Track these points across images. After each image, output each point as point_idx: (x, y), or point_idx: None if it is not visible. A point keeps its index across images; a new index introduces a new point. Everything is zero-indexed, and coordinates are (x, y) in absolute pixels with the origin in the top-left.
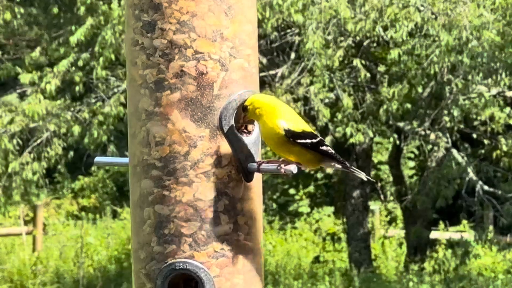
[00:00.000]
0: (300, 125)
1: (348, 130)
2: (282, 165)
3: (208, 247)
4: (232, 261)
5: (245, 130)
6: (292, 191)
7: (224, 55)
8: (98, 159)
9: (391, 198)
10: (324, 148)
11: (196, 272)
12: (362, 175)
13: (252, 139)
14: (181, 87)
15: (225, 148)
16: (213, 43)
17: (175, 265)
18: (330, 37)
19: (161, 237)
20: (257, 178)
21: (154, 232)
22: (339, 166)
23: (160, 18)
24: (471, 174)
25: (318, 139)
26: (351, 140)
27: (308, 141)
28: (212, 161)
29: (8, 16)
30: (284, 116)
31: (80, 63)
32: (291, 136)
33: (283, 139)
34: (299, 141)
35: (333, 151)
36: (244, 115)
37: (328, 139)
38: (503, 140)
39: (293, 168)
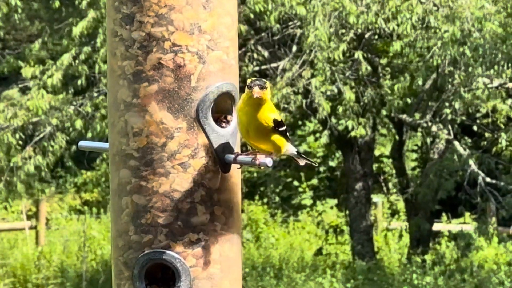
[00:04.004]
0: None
1: (350, 124)
2: (258, 157)
3: (185, 238)
4: (208, 251)
5: (224, 120)
6: (295, 183)
7: (202, 47)
8: (82, 143)
9: (394, 190)
10: (287, 133)
11: (172, 262)
12: (300, 160)
13: (229, 130)
14: (158, 79)
15: (202, 139)
16: (190, 36)
17: (152, 254)
18: (331, 30)
19: (138, 226)
20: (235, 168)
21: (131, 222)
22: (293, 150)
23: (139, 10)
24: (473, 166)
25: (285, 125)
26: (352, 134)
27: (284, 127)
28: (189, 153)
29: (5, 9)
30: (272, 108)
31: (82, 56)
32: (277, 125)
33: (269, 128)
34: (280, 129)
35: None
36: (260, 90)
37: (326, 132)
38: (503, 135)
39: (268, 161)
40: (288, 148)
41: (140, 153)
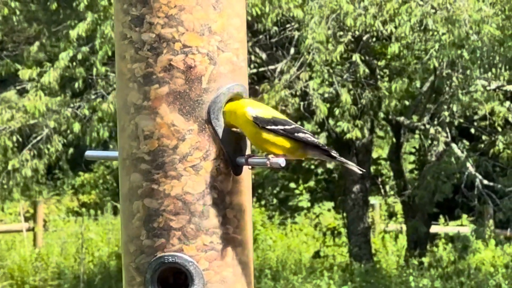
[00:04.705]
0: (271, 112)
1: (345, 126)
2: (270, 158)
3: (197, 241)
4: (221, 254)
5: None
6: (292, 185)
7: (212, 48)
8: (88, 153)
9: (391, 192)
10: (301, 135)
11: (185, 265)
12: (354, 167)
13: (240, 133)
14: (169, 80)
15: (214, 141)
16: (201, 37)
17: (164, 258)
18: (329, 32)
19: (150, 230)
20: (246, 171)
21: (143, 226)
22: (324, 155)
23: (148, 12)
24: (471, 169)
25: (293, 125)
26: (348, 136)
27: (281, 127)
28: (201, 155)
29: (6, 11)
30: (252, 105)
31: (80, 56)
32: (261, 122)
33: (255, 127)
34: (269, 127)
35: (314, 139)
36: (224, 121)
37: (324, 134)
38: (501, 138)
39: (281, 161)
40: (310, 153)
41: (151, 156)
